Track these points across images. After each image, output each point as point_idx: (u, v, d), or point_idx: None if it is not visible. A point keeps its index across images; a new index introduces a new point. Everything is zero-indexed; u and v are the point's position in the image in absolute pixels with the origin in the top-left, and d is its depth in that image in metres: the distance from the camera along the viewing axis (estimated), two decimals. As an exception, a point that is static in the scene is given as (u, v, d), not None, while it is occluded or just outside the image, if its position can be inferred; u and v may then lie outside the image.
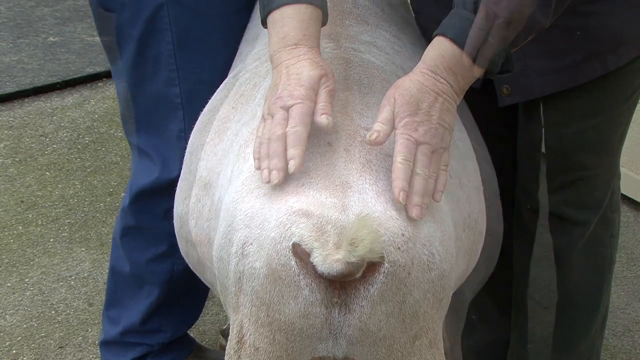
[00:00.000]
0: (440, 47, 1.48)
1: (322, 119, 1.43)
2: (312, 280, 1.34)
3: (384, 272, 1.34)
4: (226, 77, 1.94)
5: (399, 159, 1.40)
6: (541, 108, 1.94)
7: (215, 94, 1.82)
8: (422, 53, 1.77)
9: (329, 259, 1.30)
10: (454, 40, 1.47)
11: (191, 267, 1.80)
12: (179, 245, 1.81)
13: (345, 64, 1.64)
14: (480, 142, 1.83)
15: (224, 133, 1.67)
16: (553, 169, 1.99)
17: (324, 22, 1.58)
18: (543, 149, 1.96)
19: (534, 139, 1.97)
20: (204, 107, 1.84)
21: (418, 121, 1.43)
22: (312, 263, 1.31)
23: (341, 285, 1.34)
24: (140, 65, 2.08)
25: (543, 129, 1.95)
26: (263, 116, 1.48)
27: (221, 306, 2.79)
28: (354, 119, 1.48)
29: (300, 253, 1.33)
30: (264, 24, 1.58)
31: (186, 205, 1.72)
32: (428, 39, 1.55)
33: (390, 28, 1.89)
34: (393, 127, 1.43)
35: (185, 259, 1.80)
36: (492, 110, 2.03)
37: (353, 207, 1.35)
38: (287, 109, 1.44)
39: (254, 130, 1.53)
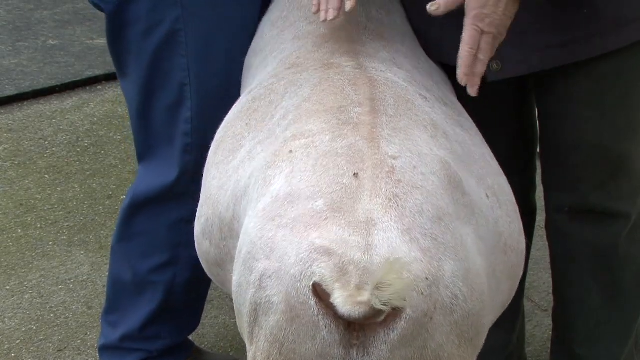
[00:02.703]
0: None
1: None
2: (331, 321, 1.31)
3: (405, 317, 1.31)
4: (235, 89, 1.94)
5: (466, 48, 1.65)
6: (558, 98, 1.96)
7: (231, 109, 1.79)
8: (439, 68, 1.78)
9: (351, 300, 1.26)
10: None
11: (219, 284, 1.77)
12: (203, 266, 1.76)
13: (370, 83, 1.61)
14: (491, 154, 1.81)
15: (238, 151, 1.64)
16: (594, 163, 1.99)
17: None
18: (582, 144, 1.97)
19: (572, 133, 1.98)
20: (212, 120, 1.82)
21: (485, 13, 1.65)
22: (332, 304, 1.28)
23: (360, 327, 1.31)
24: (151, 78, 2.09)
25: (582, 122, 1.96)
26: None
27: (220, 310, 2.78)
28: (380, 147, 1.44)
29: (320, 293, 1.30)
30: None
31: (199, 225, 1.69)
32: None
33: (405, 41, 1.87)
34: (452, 8, 1.67)
35: (211, 277, 1.76)
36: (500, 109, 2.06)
37: (377, 246, 1.31)
38: None
39: (276, 151, 1.49)
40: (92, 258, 3.05)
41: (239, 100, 1.80)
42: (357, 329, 1.31)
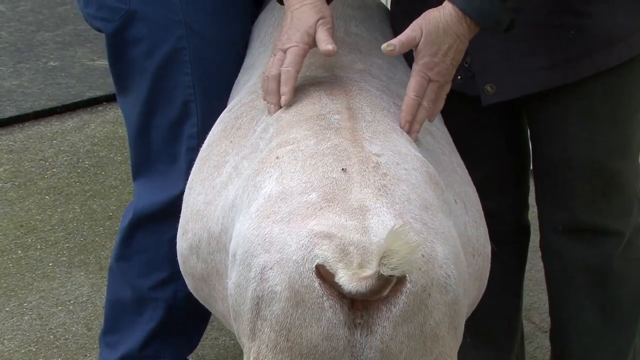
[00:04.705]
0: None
1: (328, 46, 1.67)
2: (335, 302, 1.35)
3: (406, 292, 1.36)
4: None
5: (412, 95, 1.64)
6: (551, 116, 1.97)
7: (212, 128, 1.84)
8: None
9: (356, 277, 1.31)
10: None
11: (201, 301, 1.79)
12: (186, 282, 1.80)
13: (346, 93, 1.67)
14: (460, 163, 1.84)
15: (223, 167, 1.68)
16: (586, 181, 2.00)
17: None
18: (574, 161, 1.98)
19: (564, 152, 1.99)
20: None
21: (436, 62, 1.65)
22: (337, 283, 1.32)
23: (364, 307, 1.35)
24: (154, 97, 2.10)
25: (570, 140, 1.97)
26: (271, 54, 1.74)
27: (220, 330, 2.78)
28: (364, 147, 1.51)
29: (324, 274, 1.35)
30: None
31: (185, 241, 1.72)
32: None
33: (384, 55, 1.91)
34: (407, 49, 1.66)
35: (194, 293, 1.79)
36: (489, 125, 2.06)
37: (373, 229, 1.37)
38: (284, 50, 1.69)
39: (263, 159, 1.54)
40: (92, 279, 3.05)
41: (220, 118, 1.84)
42: (360, 308, 1.36)
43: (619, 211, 2.04)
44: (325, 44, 1.67)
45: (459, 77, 1.94)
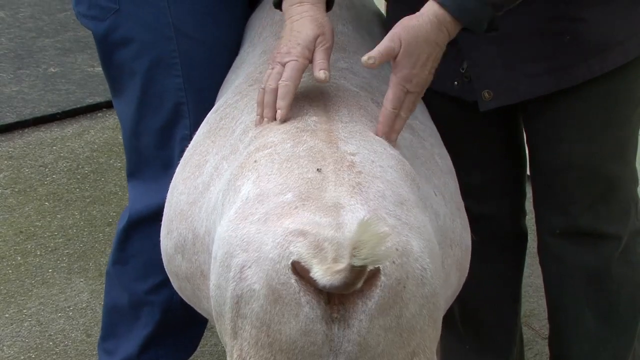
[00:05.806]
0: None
1: (320, 74, 1.65)
2: (312, 297, 1.37)
3: (381, 285, 1.38)
4: None
5: (389, 107, 1.62)
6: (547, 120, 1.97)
7: (199, 129, 1.85)
8: None
9: (330, 271, 1.33)
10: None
11: (186, 299, 1.80)
12: (171, 281, 1.82)
13: (323, 94, 1.69)
14: (443, 154, 1.84)
15: (204, 166, 1.71)
16: (584, 185, 2.00)
17: None
18: (571, 165, 1.98)
19: (561, 156, 1.99)
20: None
21: (414, 73, 1.62)
22: (312, 278, 1.34)
23: (340, 301, 1.38)
24: (144, 98, 2.10)
25: (569, 145, 1.97)
26: (268, 65, 1.70)
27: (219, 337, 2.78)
28: (339, 147, 1.54)
29: (300, 270, 1.37)
30: None
31: (170, 240, 1.74)
32: None
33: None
34: (387, 61, 1.63)
35: (179, 292, 1.82)
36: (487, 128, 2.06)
37: (347, 225, 1.40)
38: (283, 64, 1.65)
39: (242, 164, 1.56)
40: (91, 285, 3.05)
41: (206, 119, 1.86)
42: (337, 302, 1.38)
43: (616, 215, 2.04)
44: (319, 69, 1.65)
45: (456, 82, 1.94)
